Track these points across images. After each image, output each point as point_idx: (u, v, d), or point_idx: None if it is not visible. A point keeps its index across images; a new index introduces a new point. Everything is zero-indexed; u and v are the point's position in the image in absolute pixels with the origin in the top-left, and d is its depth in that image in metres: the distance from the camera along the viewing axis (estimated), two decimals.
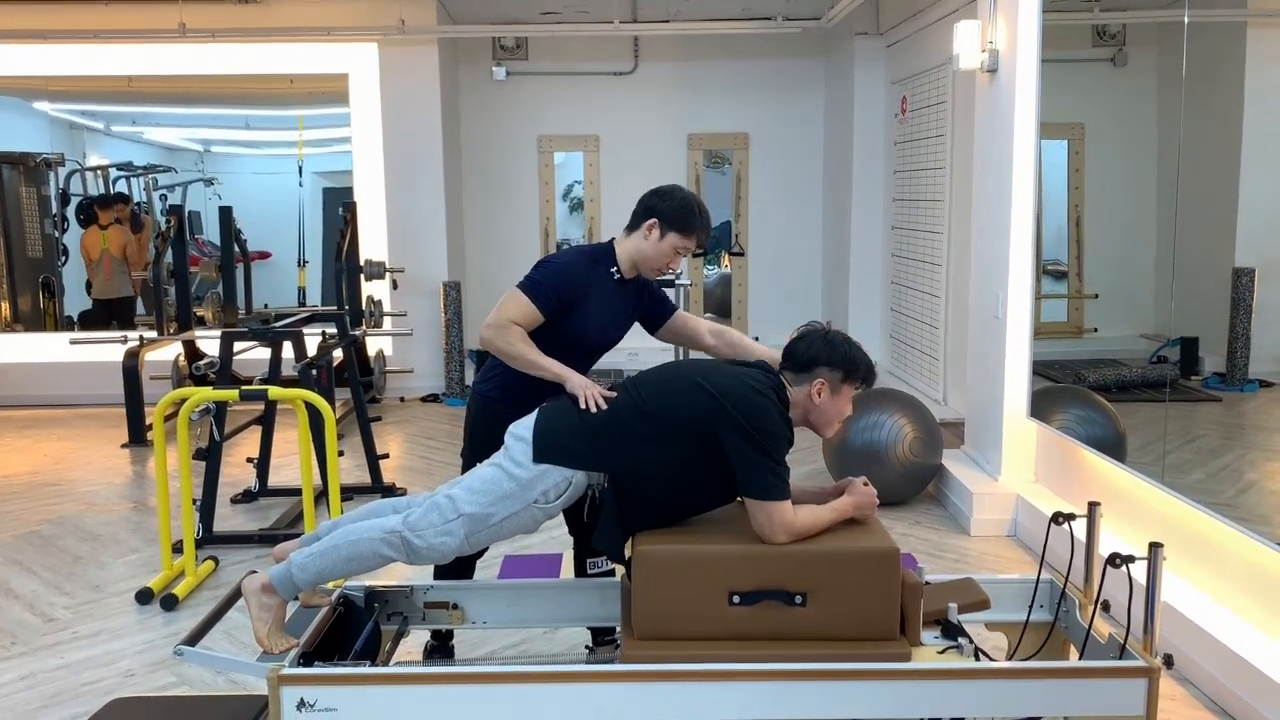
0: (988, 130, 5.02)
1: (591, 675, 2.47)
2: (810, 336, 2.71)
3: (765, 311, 9.54)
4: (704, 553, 2.53)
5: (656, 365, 2.79)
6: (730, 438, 2.50)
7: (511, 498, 2.58)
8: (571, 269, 2.99)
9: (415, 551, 2.61)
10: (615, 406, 2.64)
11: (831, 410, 2.68)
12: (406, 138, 8.23)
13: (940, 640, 2.64)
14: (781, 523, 2.49)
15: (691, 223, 2.98)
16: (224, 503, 5.20)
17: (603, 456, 2.59)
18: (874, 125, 8.13)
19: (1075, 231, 5.09)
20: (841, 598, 2.51)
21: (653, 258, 3.01)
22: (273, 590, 2.65)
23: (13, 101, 9.70)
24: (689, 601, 2.51)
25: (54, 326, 9.51)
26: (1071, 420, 4.73)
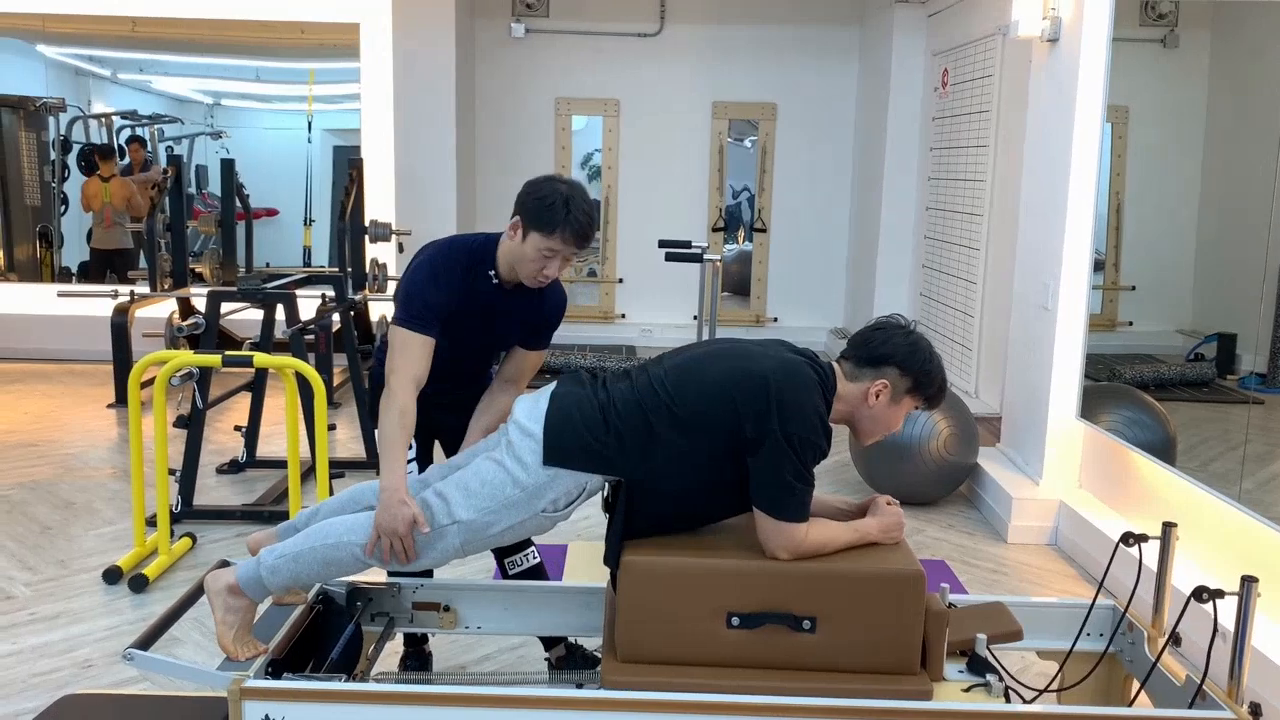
0: (1044, 106, 4.64)
1: (564, 702, 2.12)
2: (890, 329, 2.30)
3: (785, 291, 9.20)
4: (700, 566, 2.19)
5: (684, 348, 2.39)
6: (760, 440, 2.14)
7: (516, 506, 2.23)
8: (441, 278, 2.50)
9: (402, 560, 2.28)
10: (642, 405, 2.22)
11: (884, 418, 2.31)
12: (418, 94, 7.87)
13: (966, 676, 2.29)
14: (789, 539, 2.15)
15: (553, 220, 2.42)
16: (209, 473, 4.90)
17: (628, 463, 2.22)
18: (910, 98, 7.75)
19: (1115, 219, 4.81)
20: (856, 625, 2.17)
21: (520, 262, 2.50)
22: (240, 592, 2.33)
23: (13, 43, 9.36)
24: (681, 621, 2.18)
25: (51, 277, 9.22)
26: (1119, 421, 4.40)
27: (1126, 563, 3.62)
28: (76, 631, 3.31)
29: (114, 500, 4.59)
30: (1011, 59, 5.95)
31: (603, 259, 9.23)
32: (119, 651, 3.11)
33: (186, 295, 6.82)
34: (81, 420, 6.00)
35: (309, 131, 10.17)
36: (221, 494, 4.70)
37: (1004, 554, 4.25)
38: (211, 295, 4.63)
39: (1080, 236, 4.35)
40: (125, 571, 3.71)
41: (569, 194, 2.45)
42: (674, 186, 9.10)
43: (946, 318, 7.00)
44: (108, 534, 4.19)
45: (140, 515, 3.85)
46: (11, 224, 9.07)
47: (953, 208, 6.91)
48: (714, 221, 9.12)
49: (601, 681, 2.20)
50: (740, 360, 2.23)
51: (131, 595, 3.58)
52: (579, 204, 2.45)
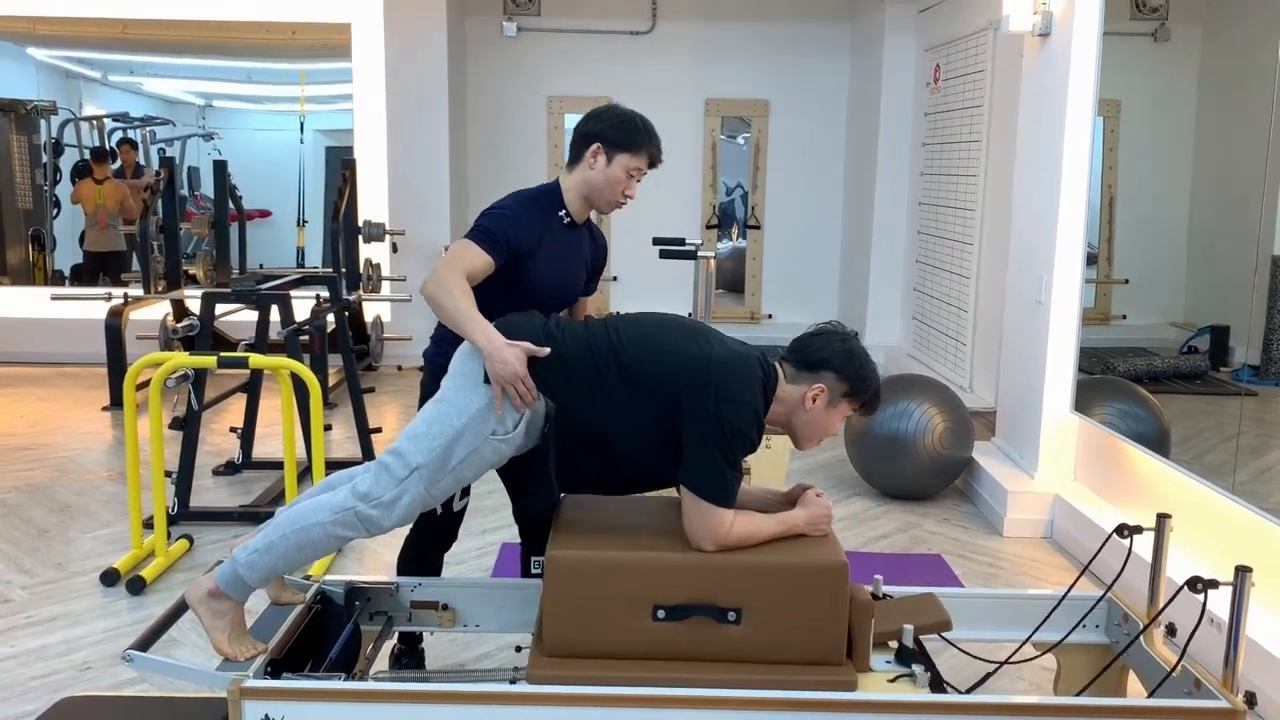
0: (1036, 101, 4.65)
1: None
2: (829, 335, 2.36)
3: (779, 287, 9.21)
4: (626, 560, 2.21)
5: (646, 312, 2.44)
6: (694, 419, 2.19)
7: (465, 434, 2.24)
8: (522, 215, 2.61)
9: (373, 522, 2.28)
10: (592, 346, 2.27)
11: (820, 422, 2.35)
12: (410, 93, 7.85)
13: (894, 666, 2.31)
14: (713, 529, 2.18)
15: (638, 138, 2.61)
16: (205, 475, 4.89)
17: (563, 387, 2.25)
18: (902, 94, 7.76)
19: (1107, 213, 4.83)
20: (780, 616, 2.19)
21: (603, 187, 2.63)
22: (222, 595, 2.33)
23: (2, 45, 9.34)
24: (608, 614, 2.19)
25: (43, 280, 9.21)
26: (1113, 414, 4.42)
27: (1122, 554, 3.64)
28: (74, 634, 3.31)
29: (110, 503, 4.58)
30: (1003, 54, 5.96)
31: None
32: (117, 653, 3.11)
33: (180, 297, 6.81)
34: (77, 423, 5.99)
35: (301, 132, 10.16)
36: (218, 495, 4.70)
37: (1000, 547, 4.27)
38: (206, 296, 4.63)
39: (1073, 230, 4.36)
40: (123, 574, 3.70)
41: (641, 116, 2.66)
42: (667, 184, 9.08)
43: (940, 312, 7.01)
44: (105, 536, 4.18)
45: (137, 517, 3.85)
46: (4, 227, 9.05)
47: (945, 203, 6.92)
48: (708, 219, 9.13)
49: (527, 676, 2.20)
50: (696, 339, 2.28)
51: (129, 597, 3.58)
52: (650, 124, 2.67)
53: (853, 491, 4.92)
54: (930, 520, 4.57)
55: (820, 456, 5.54)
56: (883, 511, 4.67)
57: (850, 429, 4.88)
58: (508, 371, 2.21)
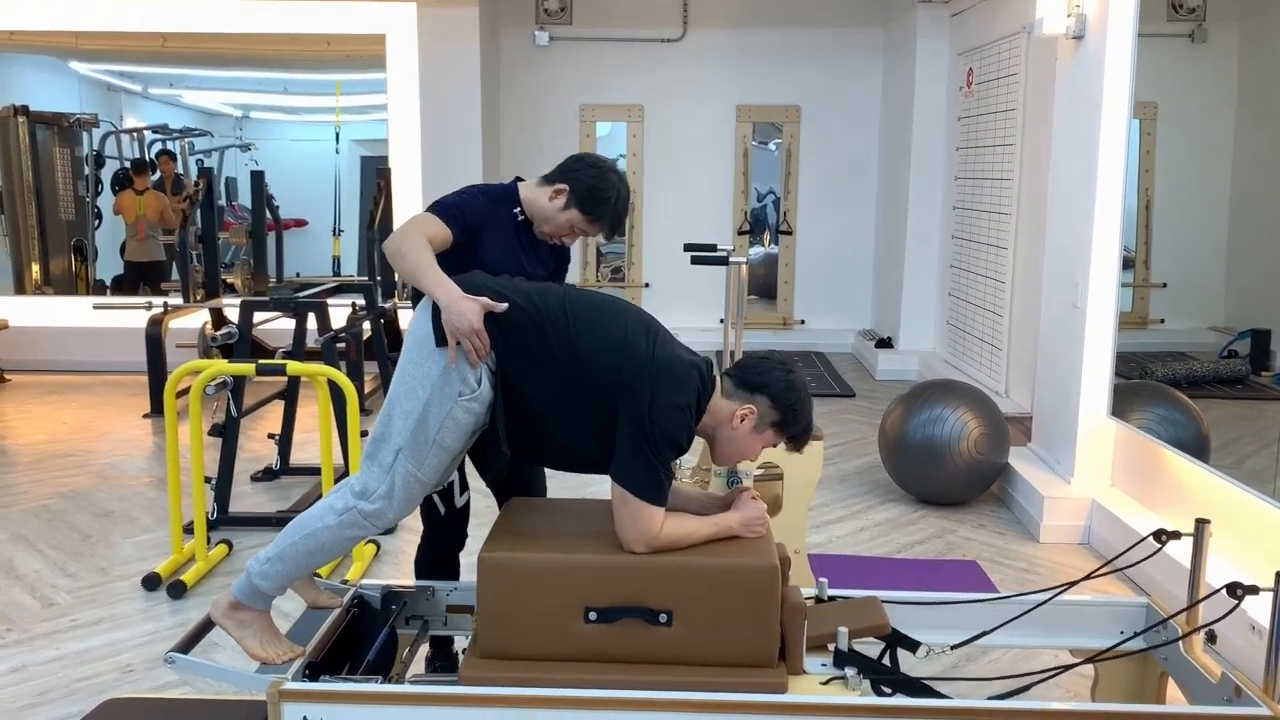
0: (1071, 104, 4.62)
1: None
2: (774, 363, 2.35)
3: (812, 293, 9.19)
4: (558, 562, 2.21)
5: (598, 292, 2.44)
6: (628, 415, 2.18)
7: (433, 402, 2.24)
8: (477, 199, 2.68)
9: (377, 516, 2.30)
10: (543, 314, 2.28)
11: (742, 443, 2.33)
12: (444, 103, 7.93)
13: (830, 669, 2.29)
14: (643, 530, 2.17)
15: (600, 211, 2.66)
16: (244, 480, 4.95)
17: (504, 345, 2.25)
18: (935, 99, 7.73)
19: (1144, 216, 4.78)
20: (712, 618, 2.18)
21: (547, 220, 2.69)
22: (243, 606, 2.37)
23: (48, 60, 9.52)
24: (540, 617, 2.20)
25: (85, 290, 9.36)
26: (1152, 420, 4.37)
27: (1159, 559, 3.60)
28: (118, 637, 3.36)
29: (151, 508, 4.65)
30: (1036, 57, 5.93)
31: (629, 264, 9.25)
32: (159, 656, 3.17)
33: (219, 305, 6.91)
34: (118, 430, 6.09)
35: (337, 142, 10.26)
36: (256, 501, 4.76)
37: (1036, 553, 4.23)
38: (244, 305, 4.69)
39: (1109, 234, 4.33)
40: (164, 578, 3.76)
41: (622, 192, 2.69)
42: (699, 191, 9.11)
43: (975, 317, 6.97)
44: (146, 541, 4.25)
45: (177, 523, 3.91)
46: (47, 238, 9.21)
47: (980, 207, 6.88)
48: (739, 225, 9.13)
49: (459, 677, 2.21)
50: (645, 335, 2.28)
51: (170, 601, 3.63)
52: (625, 203, 2.70)
53: (887, 498, 4.90)
54: (965, 526, 4.53)
55: (854, 463, 5.52)
56: (917, 518, 4.65)
57: (884, 435, 4.86)
58: (463, 324, 2.21)
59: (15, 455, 5.54)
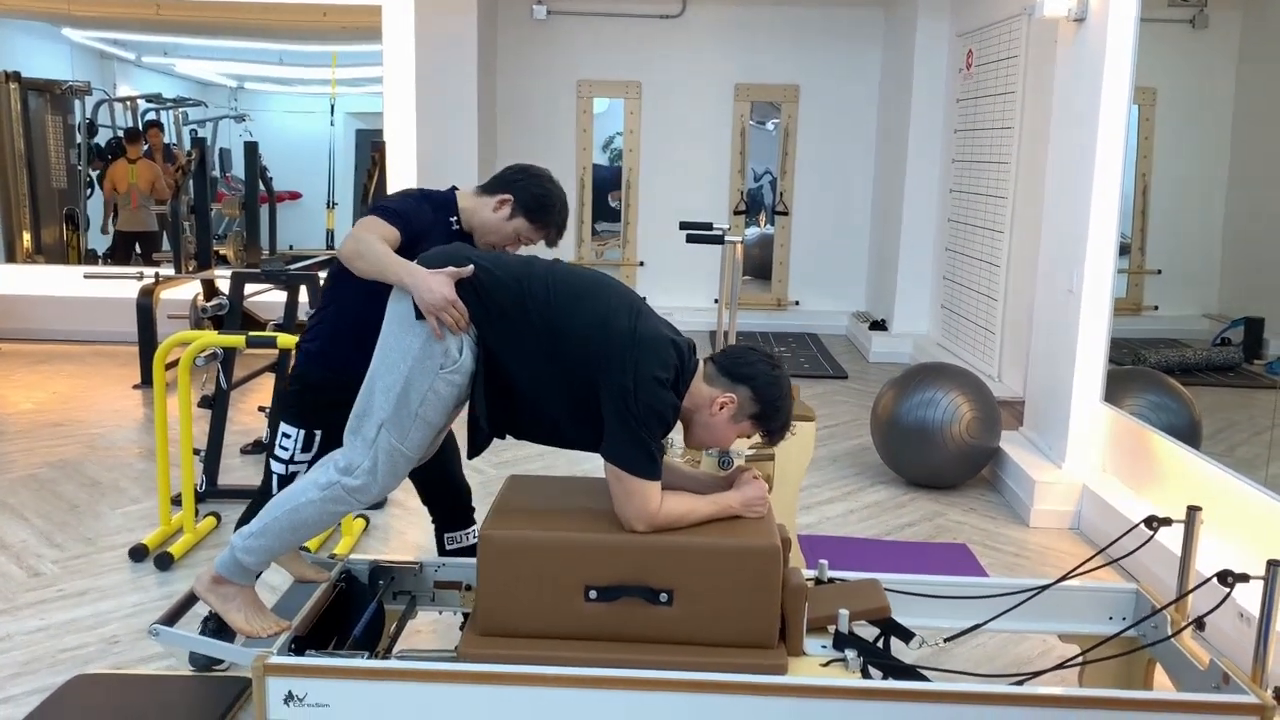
0: (1070, 87, 4.59)
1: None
2: (761, 355, 2.34)
3: (807, 274, 9.17)
4: (558, 540, 2.21)
5: (586, 268, 2.43)
6: (611, 393, 2.17)
7: (415, 376, 2.23)
8: (417, 203, 2.69)
9: (361, 491, 2.28)
10: (523, 283, 2.26)
11: (718, 430, 2.32)
12: (440, 76, 7.86)
13: (829, 651, 2.29)
14: (641, 507, 2.17)
15: (546, 218, 2.74)
16: (233, 453, 4.93)
17: (483, 316, 2.24)
18: (934, 80, 7.69)
19: (1141, 202, 4.77)
20: (712, 598, 2.18)
21: (491, 232, 2.74)
22: (225, 581, 2.37)
23: (39, 26, 9.43)
24: (540, 595, 2.20)
25: (77, 259, 9.30)
26: (1144, 406, 4.37)
27: (1151, 547, 3.60)
28: (104, 608, 3.35)
29: (140, 479, 4.63)
30: (1037, 39, 5.89)
31: (624, 242, 9.21)
32: (144, 628, 3.15)
33: (211, 277, 6.86)
34: (108, 400, 6.06)
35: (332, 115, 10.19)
36: (245, 474, 4.74)
37: (1026, 538, 4.23)
38: (235, 277, 4.66)
39: (1106, 219, 4.31)
40: (151, 550, 3.74)
41: (563, 200, 2.77)
42: (695, 170, 9.07)
43: (969, 300, 6.96)
44: (134, 513, 4.23)
45: (165, 494, 3.89)
46: (38, 206, 9.14)
47: (976, 190, 6.85)
48: (735, 204, 9.09)
49: (458, 654, 2.21)
50: (629, 311, 2.25)
51: (157, 573, 3.62)
52: (566, 210, 2.79)
53: (878, 480, 4.90)
54: (956, 510, 4.53)
55: (845, 444, 5.51)
56: (908, 500, 4.65)
57: (876, 417, 4.85)
58: (435, 298, 2.20)
59: (4, 424, 5.51)
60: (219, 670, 2.91)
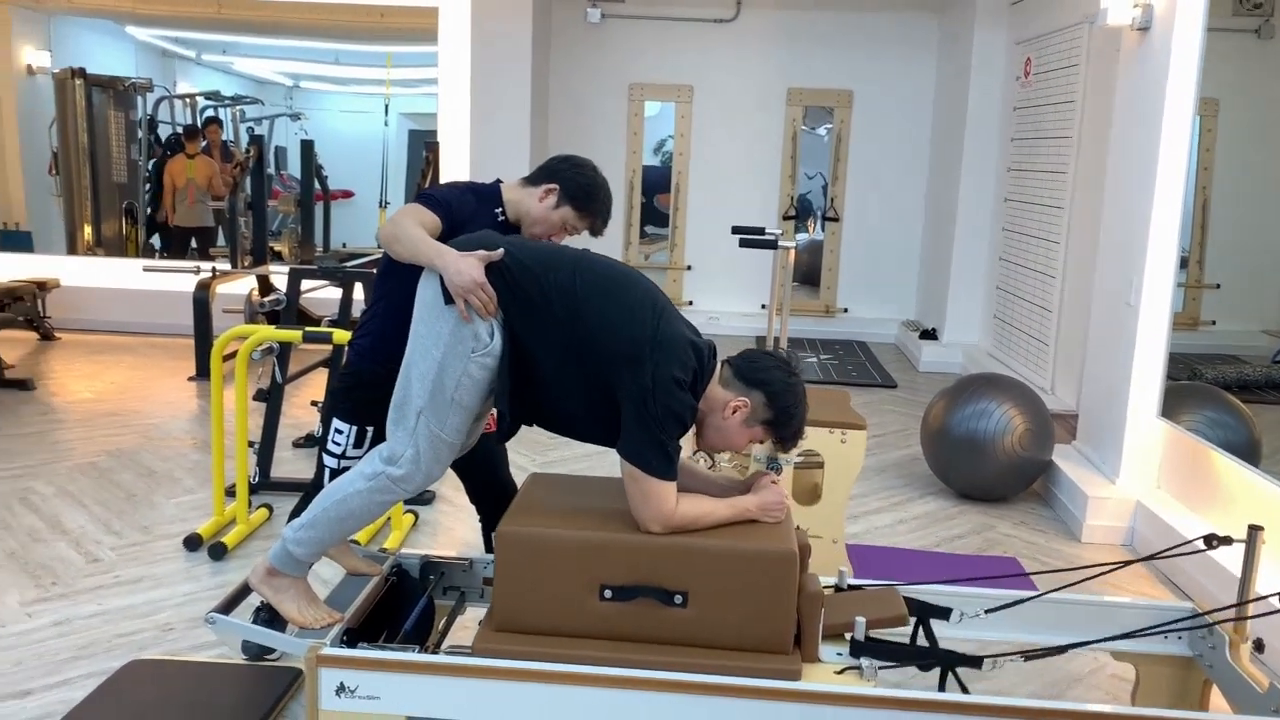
0: (1132, 97, 4.52)
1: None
2: (778, 362, 2.32)
3: (856, 281, 9.11)
4: (575, 538, 2.20)
5: (616, 262, 2.42)
6: (631, 392, 2.16)
7: (448, 361, 2.24)
8: (461, 194, 2.71)
9: (405, 480, 2.30)
10: (548, 269, 2.27)
11: (729, 434, 2.31)
12: (494, 78, 7.92)
13: (844, 659, 2.27)
14: (658, 508, 2.16)
15: (592, 207, 2.74)
16: (285, 446, 5.00)
17: (508, 300, 2.24)
18: (991, 88, 7.61)
19: (1200, 216, 4.68)
20: (727, 602, 2.16)
21: (537, 222, 2.74)
22: (278, 573, 2.40)
23: (104, 24, 9.64)
24: (555, 592, 2.20)
25: (135, 253, 9.49)
26: (1201, 422, 4.29)
27: (1208, 567, 3.54)
28: (158, 595, 3.41)
29: (194, 470, 4.71)
30: (1098, 48, 5.81)
31: (671, 245, 9.21)
32: (198, 616, 3.22)
33: (266, 272, 6.97)
34: (163, 392, 6.17)
35: (385, 114, 10.31)
36: (297, 467, 4.80)
37: (1077, 553, 4.17)
38: (293, 272, 4.73)
39: (1167, 231, 4.23)
40: (205, 539, 3.81)
41: (607, 189, 2.78)
42: (745, 174, 9.05)
43: (1023, 311, 6.88)
44: (188, 502, 4.30)
45: (220, 485, 3.95)
46: (99, 200, 9.34)
47: (1033, 199, 6.77)
48: (785, 210, 9.06)
49: (472, 648, 2.21)
50: (650, 310, 2.24)
51: (210, 562, 3.68)
52: (610, 199, 2.79)
53: (927, 491, 4.85)
54: (1006, 523, 4.48)
55: (894, 454, 5.47)
56: (957, 512, 4.60)
57: (927, 427, 4.81)
58: (464, 280, 2.22)
59: (64, 412, 5.64)
60: (270, 660, 2.95)
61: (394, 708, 2.18)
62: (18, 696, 2.76)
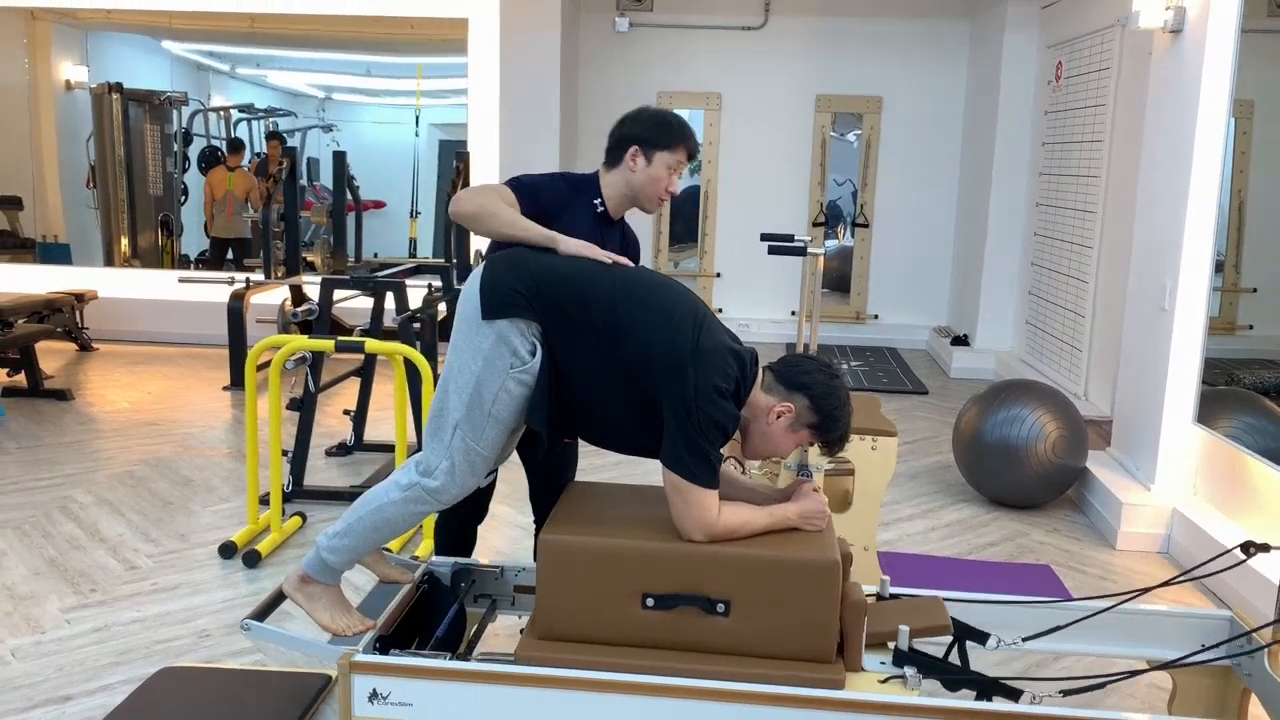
0: (1165, 100, 4.48)
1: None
2: (819, 364, 2.32)
3: (887, 288, 9.07)
4: (617, 547, 2.20)
5: (656, 273, 2.44)
6: (673, 402, 2.16)
7: (486, 375, 2.26)
8: (554, 183, 2.72)
9: (440, 491, 2.33)
10: (588, 281, 2.30)
11: (775, 440, 2.30)
12: (523, 88, 7.97)
13: (887, 668, 2.25)
14: (700, 517, 2.16)
15: (673, 135, 2.69)
16: (318, 455, 5.05)
17: (545, 311, 2.27)
18: (1022, 92, 7.56)
19: (1236, 219, 4.61)
20: (769, 610, 2.16)
21: (647, 185, 2.72)
22: (312, 580, 2.44)
23: (141, 39, 9.78)
24: (598, 600, 2.20)
25: (171, 264, 9.62)
26: (1239, 428, 4.23)
27: (1245, 574, 3.49)
28: (195, 602, 3.45)
29: (229, 478, 4.77)
30: (1132, 51, 5.76)
31: (700, 253, 9.22)
32: (233, 623, 3.25)
33: (299, 283, 7.03)
34: (200, 401, 6.25)
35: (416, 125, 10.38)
36: (330, 475, 4.85)
37: (1112, 560, 4.13)
38: (325, 283, 4.77)
39: (1201, 235, 4.19)
40: (240, 547, 3.85)
41: (677, 116, 2.74)
42: (774, 181, 9.04)
43: (1056, 317, 6.82)
44: (224, 510, 4.35)
45: (254, 493, 4.00)
46: (136, 212, 9.48)
47: (1064, 204, 6.72)
48: (815, 216, 9.04)
49: (515, 656, 2.22)
50: (690, 320, 2.25)
51: (245, 570, 3.72)
52: (679, 117, 2.75)
53: (959, 498, 4.82)
54: (1039, 530, 4.44)
55: (926, 461, 5.44)
56: (990, 519, 4.57)
57: (959, 434, 4.78)
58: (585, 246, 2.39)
59: (102, 422, 5.72)
60: (302, 667, 2.97)
61: (426, 714, 2.19)
62: (58, 702, 2.81)
